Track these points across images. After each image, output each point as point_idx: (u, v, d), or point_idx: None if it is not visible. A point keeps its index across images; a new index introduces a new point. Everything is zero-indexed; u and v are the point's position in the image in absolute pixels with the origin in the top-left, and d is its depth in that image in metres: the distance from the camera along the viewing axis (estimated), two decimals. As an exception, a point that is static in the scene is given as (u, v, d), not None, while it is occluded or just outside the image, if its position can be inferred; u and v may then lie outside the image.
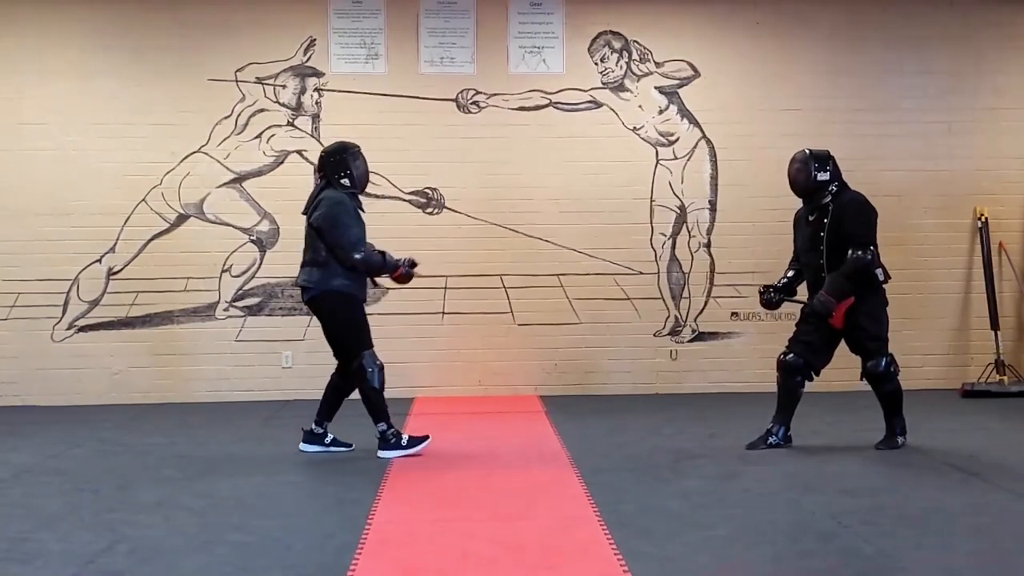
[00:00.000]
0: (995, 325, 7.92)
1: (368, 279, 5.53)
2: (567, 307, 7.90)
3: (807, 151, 5.58)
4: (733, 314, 8.01)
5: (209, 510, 4.33)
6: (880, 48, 8.10)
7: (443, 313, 7.88)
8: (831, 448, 5.65)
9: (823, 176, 5.47)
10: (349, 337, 5.43)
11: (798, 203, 7.92)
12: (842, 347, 7.93)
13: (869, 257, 5.34)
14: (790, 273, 5.78)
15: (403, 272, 5.57)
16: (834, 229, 5.40)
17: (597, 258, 7.89)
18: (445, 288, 7.87)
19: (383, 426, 5.40)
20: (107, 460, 5.51)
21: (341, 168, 5.44)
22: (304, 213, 5.49)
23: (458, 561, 3.56)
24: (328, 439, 5.61)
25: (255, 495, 4.61)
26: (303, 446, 5.61)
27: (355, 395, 5.59)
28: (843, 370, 7.93)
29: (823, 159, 5.52)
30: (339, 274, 5.33)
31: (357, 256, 5.32)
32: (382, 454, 5.38)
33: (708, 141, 8.02)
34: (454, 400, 7.60)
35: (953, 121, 8.12)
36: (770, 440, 5.58)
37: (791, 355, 5.57)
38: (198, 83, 7.76)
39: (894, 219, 8.07)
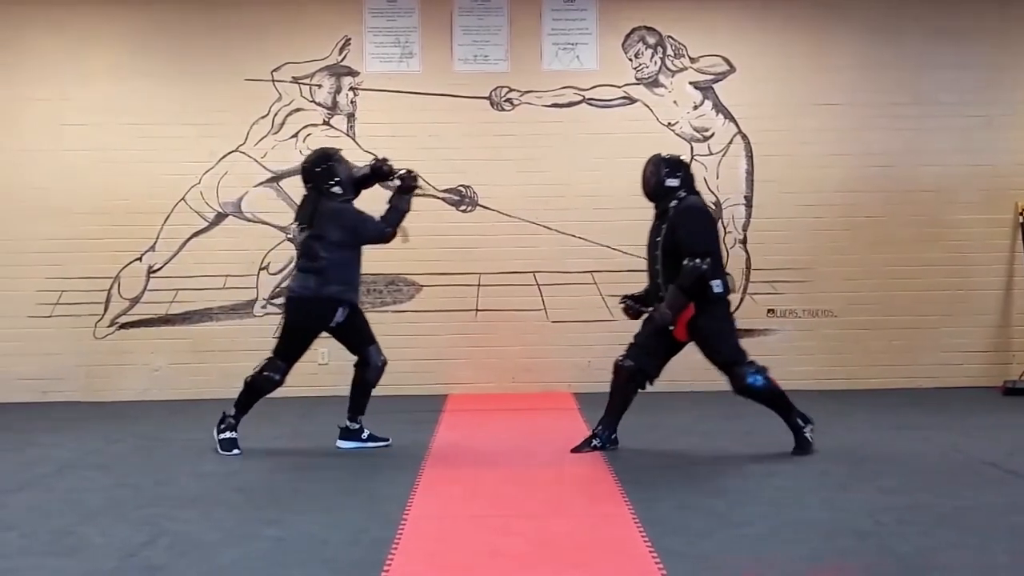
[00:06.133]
0: (1037, 322, 7.80)
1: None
2: (600, 304, 7.88)
3: (661, 155, 5.49)
4: (769, 311, 7.95)
5: (247, 505, 4.39)
6: (918, 41, 7.99)
7: (476, 310, 7.90)
8: (867, 446, 5.59)
9: (672, 182, 5.30)
10: (287, 343, 5.52)
11: (837, 197, 7.95)
12: (880, 346, 7.91)
13: (704, 267, 5.11)
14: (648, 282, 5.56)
15: (406, 185, 5.56)
16: (670, 235, 5.23)
17: (631, 255, 7.84)
18: (478, 285, 7.89)
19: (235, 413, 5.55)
20: (147, 455, 5.60)
21: (329, 177, 5.47)
22: (300, 224, 5.52)
23: (492, 558, 3.57)
24: (365, 434, 5.66)
25: (292, 490, 4.67)
26: (340, 443, 5.66)
27: (380, 390, 5.68)
28: (880, 367, 7.92)
29: (675, 164, 5.39)
30: (333, 281, 5.41)
31: (390, 230, 5.49)
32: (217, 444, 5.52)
33: (743, 136, 7.97)
34: (487, 397, 7.62)
35: (993, 115, 7.99)
36: (594, 443, 5.40)
37: (627, 360, 5.39)
38: (235, 83, 7.85)
39: (933, 214, 7.98)
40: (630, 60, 7.96)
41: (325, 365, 7.84)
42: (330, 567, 3.48)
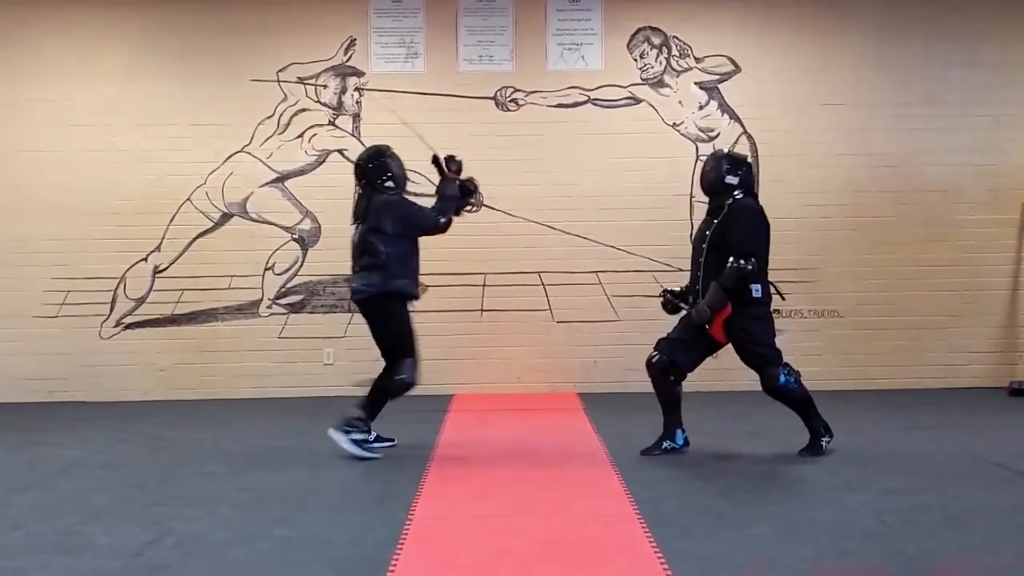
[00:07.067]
0: (1044, 322, 7.78)
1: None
2: (606, 304, 7.88)
3: (724, 151, 5.44)
4: (775, 311, 7.91)
5: (252, 504, 4.39)
6: (925, 41, 7.97)
7: (482, 310, 7.90)
8: (873, 446, 5.58)
9: (732, 179, 5.26)
10: (401, 340, 5.46)
11: (843, 197, 7.93)
12: (886, 346, 7.90)
13: (749, 268, 5.08)
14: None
15: (459, 179, 5.73)
16: (720, 231, 5.20)
17: (636, 255, 7.86)
18: (484, 285, 7.89)
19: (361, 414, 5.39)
20: (153, 455, 5.61)
21: (382, 172, 5.49)
22: (357, 221, 5.50)
23: (497, 558, 3.57)
24: (371, 436, 5.65)
25: (297, 490, 4.67)
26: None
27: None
28: (886, 367, 7.90)
29: (737, 163, 5.35)
30: (398, 275, 5.40)
31: (443, 219, 5.54)
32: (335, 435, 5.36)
33: (749, 136, 7.96)
34: (493, 397, 7.62)
35: (1001, 114, 7.97)
36: (665, 445, 5.32)
37: (655, 354, 5.32)
38: (241, 84, 7.86)
39: (940, 214, 7.96)
40: (635, 60, 7.96)
41: (330, 365, 7.87)
42: (336, 567, 3.49)
